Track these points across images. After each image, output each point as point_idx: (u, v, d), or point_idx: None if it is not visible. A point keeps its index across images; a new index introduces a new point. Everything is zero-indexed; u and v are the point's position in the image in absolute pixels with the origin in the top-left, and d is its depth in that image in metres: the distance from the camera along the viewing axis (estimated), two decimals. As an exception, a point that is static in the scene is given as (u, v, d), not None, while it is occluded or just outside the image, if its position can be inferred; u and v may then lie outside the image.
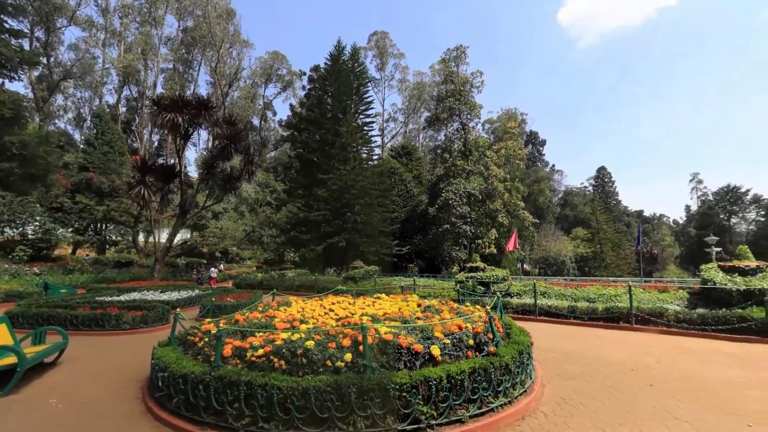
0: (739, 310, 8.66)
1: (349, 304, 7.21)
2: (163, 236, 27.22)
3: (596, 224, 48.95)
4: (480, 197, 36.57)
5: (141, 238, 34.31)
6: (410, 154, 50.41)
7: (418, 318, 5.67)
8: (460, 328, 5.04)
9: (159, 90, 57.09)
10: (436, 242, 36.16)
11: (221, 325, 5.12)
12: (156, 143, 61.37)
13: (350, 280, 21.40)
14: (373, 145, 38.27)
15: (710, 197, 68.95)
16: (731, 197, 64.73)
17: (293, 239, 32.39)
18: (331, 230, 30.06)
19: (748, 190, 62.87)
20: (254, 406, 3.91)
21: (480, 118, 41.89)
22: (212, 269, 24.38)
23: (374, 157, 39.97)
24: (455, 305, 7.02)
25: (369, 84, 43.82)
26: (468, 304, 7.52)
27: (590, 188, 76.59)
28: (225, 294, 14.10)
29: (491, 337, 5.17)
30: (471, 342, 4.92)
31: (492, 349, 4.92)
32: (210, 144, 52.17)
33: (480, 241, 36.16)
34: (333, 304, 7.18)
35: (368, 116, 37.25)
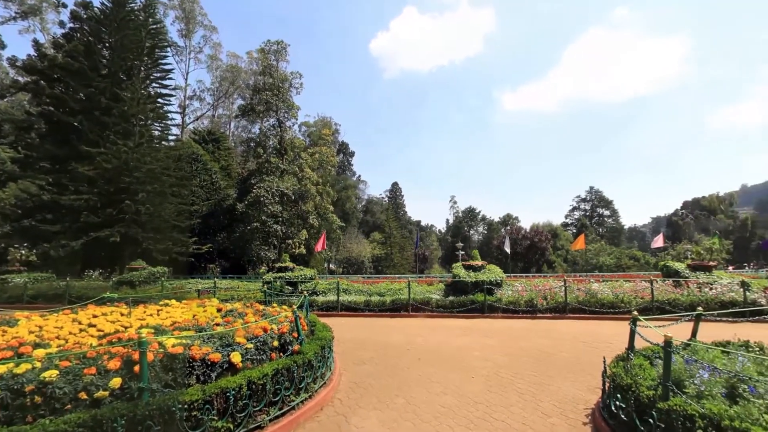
0: (471, 296, 12.16)
1: (122, 315, 5.70)
2: None
3: (389, 230, 58.17)
4: (293, 197, 36.70)
5: None
6: (218, 142, 45.07)
7: (218, 324, 5.08)
8: (265, 330, 4.84)
9: None
10: (244, 241, 33.72)
11: None
12: None
13: (126, 284, 17.02)
14: (170, 122, 31.92)
15: (460, 214, 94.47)
16: (471, 215, 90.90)
17: (28, 230, 22.95)
18: (98, 221, 23.04)
19: (480, 211, 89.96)
20: None
21: (297, 119, 42.17)
22: None
23: (171, 138, 33.41)
24: (261, 307, 6.71)
25: (169, 50, 36.63)
26: (275, 304, 7.34)
27: (386, 199, 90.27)
28: None
29: (296, 336, 5.22)
30: (276, 343, 4.82)
31: (296, 347, 4.98)
32: None
33: (290, 241, 36.20)
34: (94, 317, 5.49)
35: (165, 87, 30.97)
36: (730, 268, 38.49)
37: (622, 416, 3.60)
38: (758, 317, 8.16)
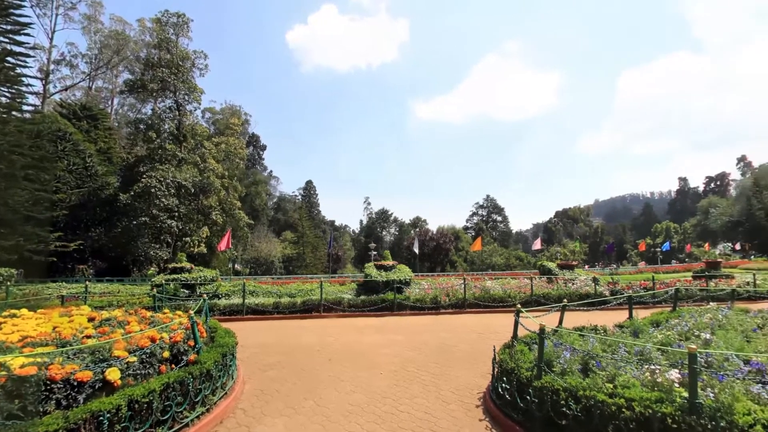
0: (382, 295, 12.56)
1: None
2: None
3: (302, 229, 56.49)
4: (193, 190, 32.91)
5: None
6: (96, 120, 37.74)
7: (89, 336, 4.27)
8: (153, 340, 4.24)
9: None
10: (128, 238, 28.97)
11: None
12: None
13: (-55, 293, 13.07)
14: (25, 89, 25.62)
15: (374, 215, 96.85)
16: (384, 217, 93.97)
17: None
18: None
19: (392, 213, 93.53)
20: None
21: (200, 104, 37.94)
22: None
23: (26, 108, 26.82)
24: (149, 314, 5.87)
25: (27, -1, 29.54)
26: (167, 310, 6.49)
27: (300, 197, 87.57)
28: None
29: (193, 344, 4.71)
30: (167, 354, 4.27)
31: (192, 357, 4.49)
32: None
33: (188, 239, 32.42)
34: None
35: (19, 44, 24.83)
36: (586, 266, 47.36)
37: (507, 396, 4.13)
38: (604, 306, 10.25)
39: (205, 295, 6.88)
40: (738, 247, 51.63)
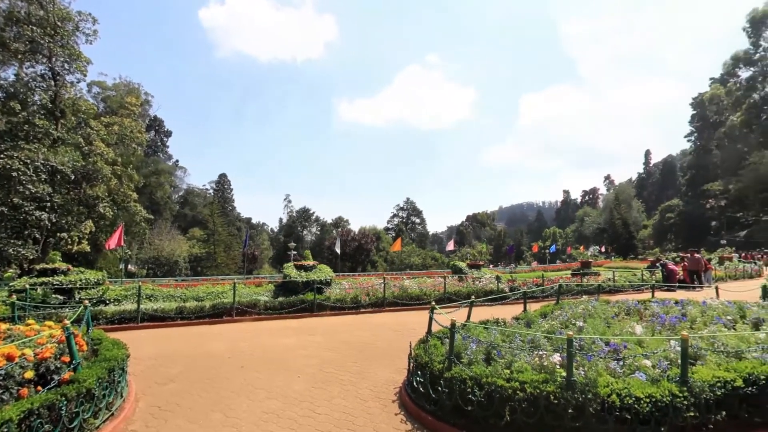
0: (301, 296, 12.21)
1: None
2: None
3: (213, 226, 51.76)
4: (73, 177, 27.66)
5: None
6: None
7: None
8: (10, 358, 3.47)
9: None
10: (-26, 232, 23.08)
11: None
12: None
13: None
14: None
15: (294, 214, 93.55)
16: (305, 216, 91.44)
17: None
18: None
19: (313, 212, 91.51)
20: None
21: (86, 76, 31.92)
22: None
23: None
24: (5, 326, 4.77)
25: None
26: (32, 321, 5.35)
27: (211, 191, 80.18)
28: None
29: (68, 360, 3.97)
30: (30, 374, 3.53)
31: (67, 375, 3.79)
32: None
33: (66, 234, 27.18)
34: None
35: None
36: (491, 266, 52.64)
37: (421, 389, 4.37)
38: (504, 301, 11.56)
39: (87, 302, 5.84)
40: (603, 249, 62.91)
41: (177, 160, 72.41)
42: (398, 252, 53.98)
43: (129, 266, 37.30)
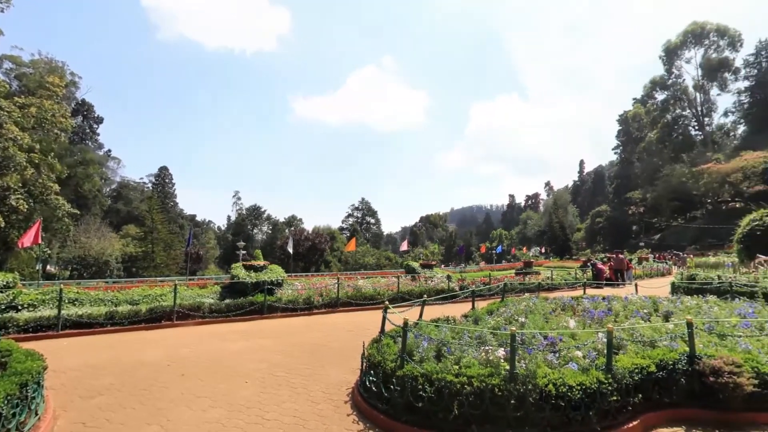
0: (251, 297, 11.69)
1: None
2: None
3: (151, 223, 47.65)
4: (-21, 165, 24.00)
5: None
6: None
7: None
8: None
9: None
10: None
11: None
12: None
13: None
14: None
15: (245, 212, 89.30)
16: (256, 214, 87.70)
17: None
18: None
19: (265, 210, 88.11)
20: None
21: (-4, 49, 27.92)
22: None
23: None
24: None
25: None
26: None
27: (150, 185, 73.93)
28: None
29: (-30, 375, 3.44)
30: None
31: (-31, 393, 3.27)
32: None
33: (-35, 231, 23.44)
34: None
35: None
36: (443, 266, 54.38)
37: (373, 388, 4.40)
38: (454, 299, 12.03)
39: (-6, 308, 5.09)
40: (543, 250, 67.94)
41: (109, 150, 65.72)
42: (353, 252, 53.80)
43: (48, 267, 33.11)
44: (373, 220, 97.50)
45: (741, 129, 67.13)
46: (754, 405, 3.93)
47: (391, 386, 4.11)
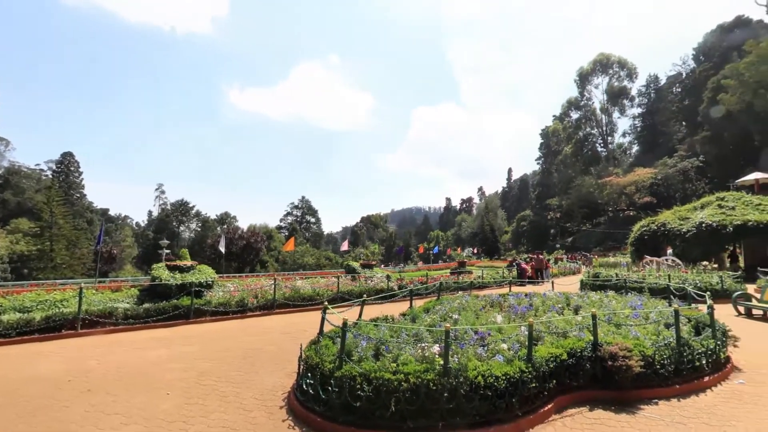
0: (175, 301, 10.69)
1: None
2: None
3: (50, 217, 41.04)
4: None
5: None
6: None
7: None
8: None
9: None
10: None
11: None
12: None
13: None
14: None
15: (169, 207, 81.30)
16: (183, 209, 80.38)
17: None
18: None
19: (194, 206, 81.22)
20: None
21: None
22: None
23: None
24: None
25: None
26: None
27: (49, 173, 63.83)
28: None
29: None
30: None
31: None
32: None
33: None
34: None
35: None
36: (383, 266, 55.22)
37: (311, 391, 4.31)
38: (393, 298, 12.29)
39: None
40: (476, 251, 72.60)
41: (-5, 129, 55.25)
42: (291, 252, 52.08)
43: None
44: (313, 219, 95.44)
45: (635, 148, 79.01)
46: (640, 384, 4.64)
47: (329, 388, 4.06)
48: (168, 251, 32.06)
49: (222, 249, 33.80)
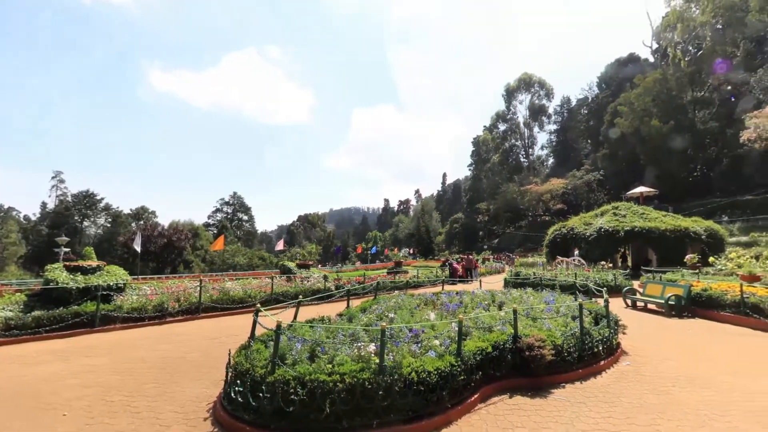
0: (75, 307, 9.29)
1: None
2: None
3: None
4: None
5: None
6: None
7: None
8: None
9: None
10: None
11: None
12: None
13: None
14: None
15: (69, 198, 70.35)
16: (88, 202, 70.18)
17: None
18: None
19: (102, 198, 71.42)
20: None
21: None
22: None
23: None
24: None
25: None
26: None
27: None
28: None
29: None
30: None
31: None
32: None
33: None
34: None
35: None
36: (320, 266, 54.24)
37: (240, 399, 4.06)
38: (330, 299, 12.13)
39: None
40: (412, 251, 75.01)
41: None
42: (221, 251, 48.56)
43: None
44: (246, 217, 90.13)
45: (551, 160, 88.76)
46: (552, 370, 5.22)
47: (261, 394, 3.87)
48: (68, 250, 27.72)
49: (137, 248, 30.17)
